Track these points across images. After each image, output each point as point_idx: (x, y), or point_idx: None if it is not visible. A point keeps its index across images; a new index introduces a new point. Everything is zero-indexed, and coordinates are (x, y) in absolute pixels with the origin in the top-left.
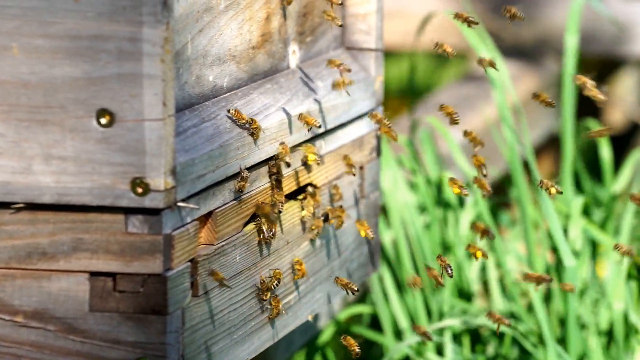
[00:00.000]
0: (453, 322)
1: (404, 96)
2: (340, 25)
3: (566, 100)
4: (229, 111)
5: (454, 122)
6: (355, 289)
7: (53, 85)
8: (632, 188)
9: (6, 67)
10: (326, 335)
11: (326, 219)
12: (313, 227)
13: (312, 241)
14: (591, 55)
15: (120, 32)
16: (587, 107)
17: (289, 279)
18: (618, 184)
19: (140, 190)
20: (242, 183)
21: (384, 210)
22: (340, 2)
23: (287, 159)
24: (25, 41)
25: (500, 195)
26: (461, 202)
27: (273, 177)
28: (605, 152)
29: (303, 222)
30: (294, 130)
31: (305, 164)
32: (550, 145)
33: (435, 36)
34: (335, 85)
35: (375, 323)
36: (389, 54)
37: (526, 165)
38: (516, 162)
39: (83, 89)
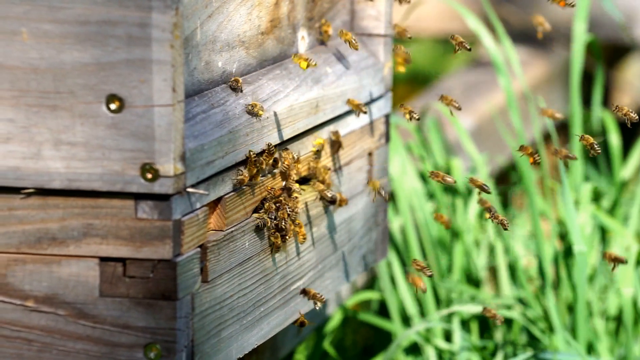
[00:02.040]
0: (461, 308)
1: (412, 82)
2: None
3: (574, 86)
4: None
5: (456, 108)
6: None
7: (62, 70)
8: None
9: (16, 52)
10: (334, 321)
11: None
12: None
13: (320, 228)
14: (599, 41)
15: (130, 17)
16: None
17: (297, 266)
18: (627, 170)
19: (149, 175)
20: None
21: (392, 197)
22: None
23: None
24: (34, 26)
25: (506, 183)
26: (469, 189)
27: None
28: (614, 138)
29: (312, 209)
30: (303, 116)
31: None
32: (560, 132)
33: (443, 21)
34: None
35: (383, 310)
36: (397, 41)
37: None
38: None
39: (92, 75)
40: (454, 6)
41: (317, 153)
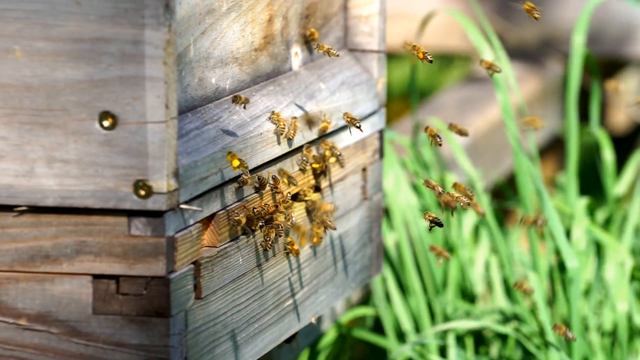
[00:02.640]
0: (457, 324)
1: (407, 98)
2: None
3: (570, 100)
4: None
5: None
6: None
7: (55, 88)
8: (635, 189)
9: (9, 70)
10: (329, 337)
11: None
12: (315, 233)
13: (314, 243)
14: (595, 56)
15: (123, 34)
16: (590, 109)
17: (291, 282)
18: (621, 185)
19: (143, 192)
20: (246, 178)
21: (386, 212)
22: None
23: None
24: (27, 44)
25: (501, 199)
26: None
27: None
28: (608, 153)
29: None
30: (296, 133)
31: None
32: (554, 147)
33: (438, 37)
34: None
35: (378, 326)
36: (391, 56)
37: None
38: (521, 164)
39: (85, 92)
40: (459, 19)
41: (313, 170)
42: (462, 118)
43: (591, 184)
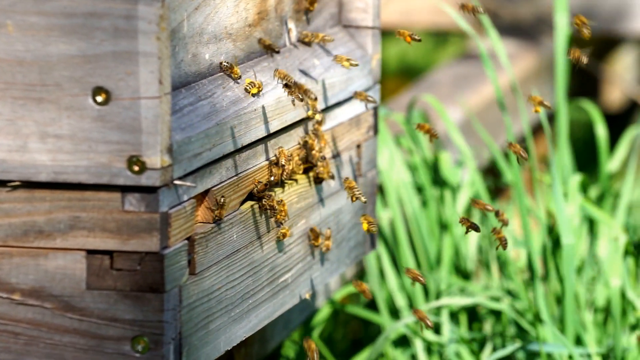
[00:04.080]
0: (450, 301)
1: (402, 75)
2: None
3: (559, 79)
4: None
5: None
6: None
7: (48, 63)
8: (628, 165)
9: (1, 44)
10: (323, 314)
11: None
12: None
13: (309, 220)
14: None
15: (116, 9)
16: (585, 86)
17: (285, 258)
18: (614, 162)
19: (136, 168)
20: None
21: (380, 189)
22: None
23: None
24: (20, 18)
25: (494, 176)
26: (458, 181)
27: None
28: (601, 130)
29: (299, 202)
30: (291, 109)
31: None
32: (549, 124)
33: (432, 15)
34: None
35: (372, 302)
36: (386, 33)
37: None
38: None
39: (78, 67)
40: (437, 3)
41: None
42: (457, 95)
43: (585, 161)
